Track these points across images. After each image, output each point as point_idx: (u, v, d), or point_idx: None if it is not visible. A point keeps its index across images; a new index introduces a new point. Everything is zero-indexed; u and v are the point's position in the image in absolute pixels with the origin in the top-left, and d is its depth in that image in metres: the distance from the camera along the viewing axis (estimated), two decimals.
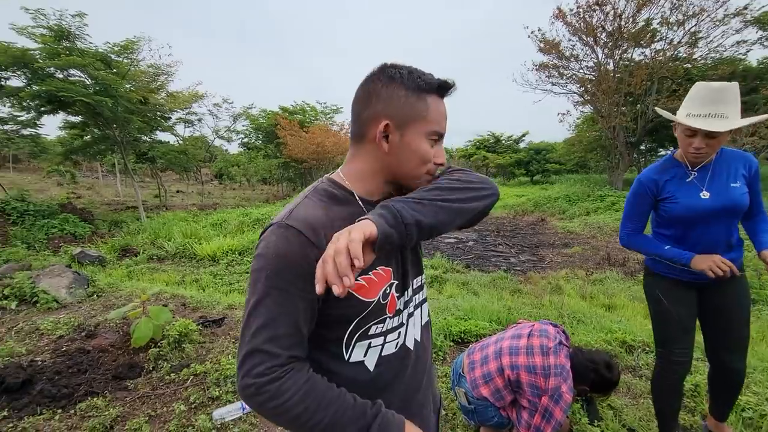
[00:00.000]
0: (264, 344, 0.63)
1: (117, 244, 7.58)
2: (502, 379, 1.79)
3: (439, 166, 0.79)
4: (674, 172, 1.64)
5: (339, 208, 0.74)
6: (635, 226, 1.76)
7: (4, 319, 3.55)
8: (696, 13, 12.73)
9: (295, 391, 0.62)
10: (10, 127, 10.44)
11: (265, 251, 0.66)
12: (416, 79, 0.73)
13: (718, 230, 1.60)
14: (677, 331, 1.73)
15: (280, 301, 0.64)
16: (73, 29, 9.26)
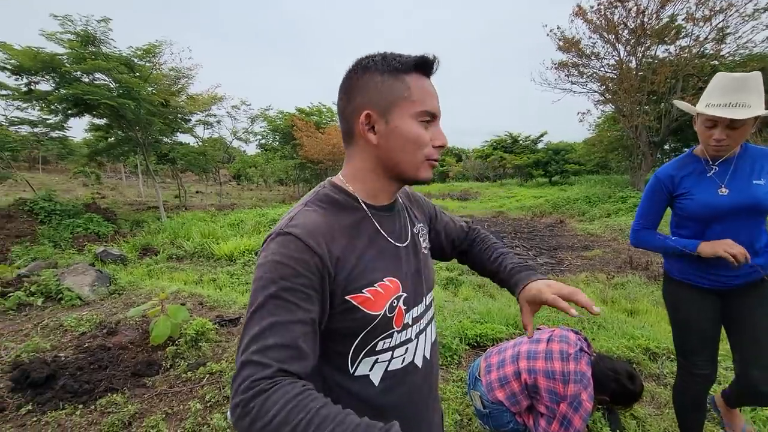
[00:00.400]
0: (253, 355, 0.56)
1: (138, 243, 7.78)
2: (518, 383, 1.74)
3: (439, 149, 0.72)
4: (693, 168, 1.55)
5: (341, 215, 0.71)
6: (646, 223, 1.68)
7: (30, 315, 3.67)
8: (724, 9, 12.26)
9: (283, 405, 0.52)
10: (40, 130, 10.84)
11: (264, 260, 0.64)
12: (391, 61, 0.68)
13: (739, 231, 1.48)
14: (697, 341, 1.64)
15: (274, 311, 0.59)
16: (98, 34, 9.55)
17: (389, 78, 0.68)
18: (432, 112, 0.70)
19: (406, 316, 0.75)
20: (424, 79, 0.71)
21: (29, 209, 9.14)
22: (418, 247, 0.84)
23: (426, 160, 0.72)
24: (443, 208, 4.35)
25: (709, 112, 1.36)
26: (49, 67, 9.15)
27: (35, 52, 8.89)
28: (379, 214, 0.76)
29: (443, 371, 2.67)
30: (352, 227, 0.71)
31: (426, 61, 0.69)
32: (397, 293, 0.73)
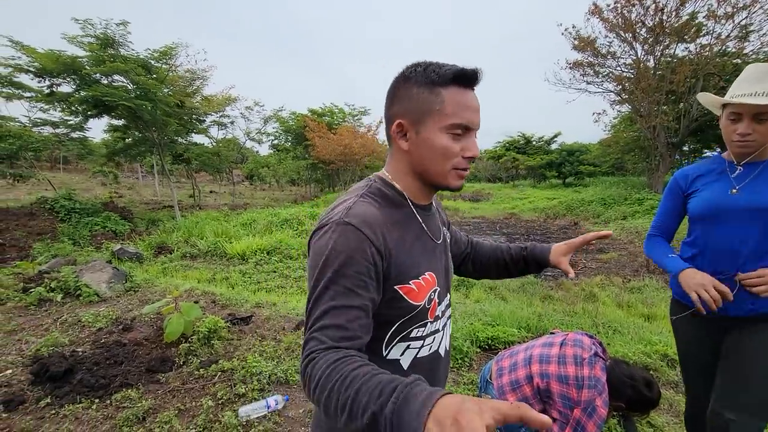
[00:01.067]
0: (313, 333, 0.65)
1: (153, 241, 7.92)
2: (530, 387, 1.70)
3: (469, 159, 0.74)
4: (714, 167, 1.42)
5: (392, 210, 0.76)
6: (659, 228, 1.56)
7: (50, 310, 3.77)
8: (747, 5, 11.89)
9: (325, 369, 0.59)
10: (61, 131, 11.16)
11: (324, 248, 0.67)
12: (430, 73, 0.70)
13: (742, 237, 1.28)
14: (693, 374, 1.53)
15: (334, 296, 0.65)
16: (117, 37, 9.79)
17: (425, 90, 0.70)
18: (464, 125, 0.71)
19: (438, 309, 0.82)
20: (462, 92, 0.71)
21: (50, 207, 9.41)
22: (446, 246, 0.91)
23: (453, 170, 0.74)
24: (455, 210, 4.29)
25: (731, 100, 1.25)
26: (70, 69, 9.41)
27: (57, 55, 9.15)
28: (422, 213, 0.82)
29: (454, 374, 2.64)
30: (403, 222, 0.76)
31: (464, 75, 0.70)
32: (434, 287, 0.79)
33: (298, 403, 2.34)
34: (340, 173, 20.35)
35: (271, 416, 2.18)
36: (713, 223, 1.34)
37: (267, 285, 5.31)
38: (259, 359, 2.72)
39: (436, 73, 0.70)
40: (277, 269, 6.11)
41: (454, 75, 0.69)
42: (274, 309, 3.81)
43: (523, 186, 26.23)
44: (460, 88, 0.71)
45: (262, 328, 3.34)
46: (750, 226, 1.27)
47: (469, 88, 0.72)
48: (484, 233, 10.22)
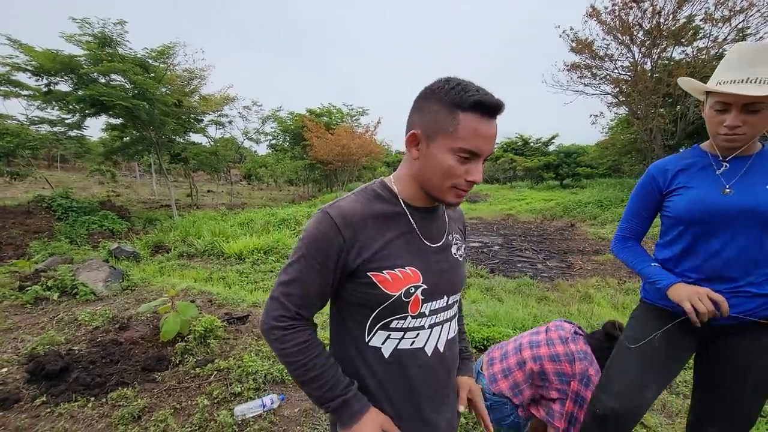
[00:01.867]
0: (281, 296, 0.80)
1: (150, 240, 7.91)
2: (522, 372, 1.76)
3: (471, 184, 0.78)
4: (695, 161, 1.25)
5: (378, 204, 0.83)
6: (629, 227, 1.39)
7: (46, 308, 3.77)
8: (744, 9, 11.97)
9: (294, 345, 0.79)
10: (59, 129, 11.13)
11: (307, 228, 0.80)
12: (453, 94, 0.72)
13: (736, 243, 1.14)
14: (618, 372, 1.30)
15: (301, 269, 0.79)
16: (114, 36, 9.77)
17: (444, 109, 0.73)
18: (473, 152, 0.74)
19: (423, 306, 0.84)
20: (479, 120, 0.72)
21: (47, 206, 9.38)
22: (449, 250, 0.91)
23: (452, 188, 0.78)
24: None
25: (717, 89, 1.09)
26: (67, 68, 9.39)
27: (54, 54, 9.13)
28: (417, 214, 0.86)
29: None
30: (387, 219, 0.82)
31: (483, 104, 0.71)
32: (415, 282, 0.82)
33: (294, 402, 2.35)
34: (338, 173, 20.35)
35: (267, 415, 2.19)
36: (705, 227, 1.18)
37: (264, 285, 5.31)
38: (255, 358, 2.73)
39: (459, 95, 0.71)
40: (274, 269, 6.11)
41: (474, 102, 0.71)
42: None
43: (520, 187, 26.27)
44: (478, 115, 0.72)
45: (258, 328, 3.35)
46: (747, 231, 1.14)
47: (488, 117, 0.74)
48: (482, 234, 10.24)
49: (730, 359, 1.22)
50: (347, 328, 0.86)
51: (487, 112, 0.73)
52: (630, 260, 1.37)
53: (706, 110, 1.19)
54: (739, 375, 1.20)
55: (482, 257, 7.47)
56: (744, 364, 1.19)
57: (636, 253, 1.37)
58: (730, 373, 1.21)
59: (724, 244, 1.17)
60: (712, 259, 1.18)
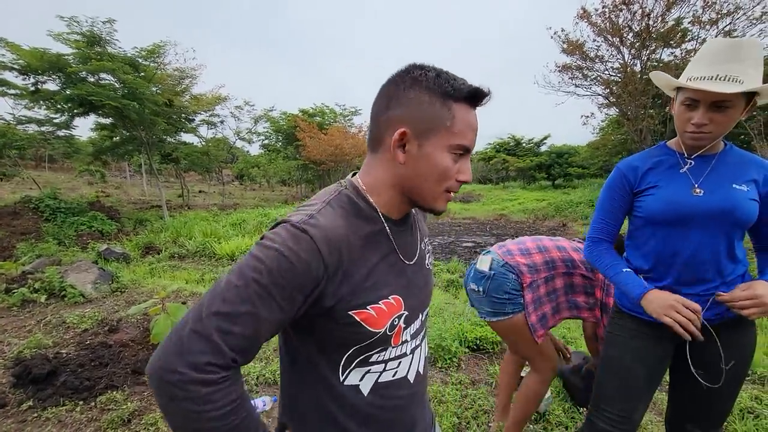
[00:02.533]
0: (214, 334, 0.54)
1: (141, 241, 7.82)
2: (541, 256, 1.70)
3: (461, 184, 0.69)
4: (662, 160, 1.23)
5: (361, 223, 0.67)
6: (602, 228, 1.30)
7: (33, 311, 3.70)
8: (731, 12, 12.20)
9: (224, 405, 0.55)
10: (47, 129, 10.94)
11: (271, 244, 0.58)
12: (443, 83, 0.63)
13: (708, 245, 1.14)
14: (617, 390, 1.28)
15: (254, 301, 0.56)
16: (103, 35, 9.64)
17: (437, 101, 0.63)
18: (467, 147, 0.67)
19: (404, 333, 0.73)
20: (470, 111, 0.66)
21: (35, 207, 9.22)
22: (423, 262, 0.82)
23: (445, 192, 0.69)
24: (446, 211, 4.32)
25: (688, 85, 1.06)
26: (55, 67, 9.25)
27: (42, 53, 8.98)
28: (396, 229, 0.73)
29: (442, 374, 2.66)
30: (370, 239, 0.68)
31: (478, 94, 0.65)
32: (399, 311, 0.70)
33: None
34: (330, 173, 20.29)
35: (259, 416, 2.17)
36: (677, 229, 1.16)
37: None
38: None
39: (450, 85, 0.64)
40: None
41: (468, 93, 0.64)
42: None
43: (513, 187, 26.48)
44: (468, 106, 0.66)
45: None
46: (717, 231, 1.13)
47: (475, 108, 0.68)
48: (475, 234, 10.29)
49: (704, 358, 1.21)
50: (312, 369, 0.69)
51: (477, 103, 0.67)
52: (603, 266, 1.28)
53: (675, 106, 1.17)
54: (714, 373, 1.20)
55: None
56: (717, 362, 1.19)
57: (608, 258, 1.28)
58: (705, 371, 1.20)
59: (697, 245, 1.15)
60: (685, 261, 1.16)
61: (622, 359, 1.27)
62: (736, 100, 1.04)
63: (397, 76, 0.67)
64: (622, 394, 1.27)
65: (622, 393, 1.27)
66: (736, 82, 1.01)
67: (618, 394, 1.28)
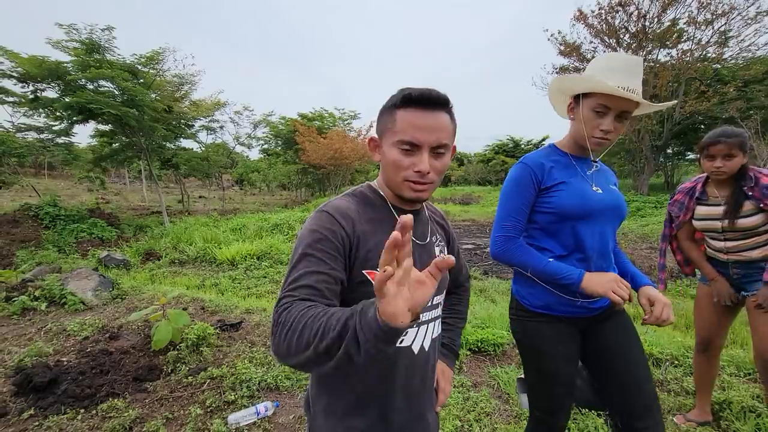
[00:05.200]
0: (288, 292, 0.72)
1: (141, 248, 7.81)
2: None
3: (418, 174, 0.79)
4: (558, 159, 1.30)
5: (369, 209, 0.87)
6: (514, 225, 1.29)
7: (34, 319, 3.70)
8: (726, 12, 12.28)
9: (299, 311, 0.66)
10: (46, 136, 10.96)
11: (304, 229, 0.80)
12: (393, 97, 0.81)
13: (608, 236, 1.28)
14: (564, 395, 1.32)
15: (307, 264, 0.74)
16: (102, 42, 9.67)
17: (387, 112, 0.82)
18: (410, 142, 0.78)
19: None
20: (414, 113, 0.78)
21: (34, 214, 9.22)
22: (433, 249, 0.96)
23: (405, 182, 0.81)
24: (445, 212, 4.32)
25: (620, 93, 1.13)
26: (54, 74, 9.26)
27: (41, 60, 9.00)
28: (402, 212, 0.89)
29: None
30: (378, 219, 0.86)
31: (410, 97, 0.77)
32: None
33: (288, 409, 2.33)
34: (330, 177, 20.32)
35: (261, 423, 2.17)
36: (583, 222, 1.25)
37: (257, 291, 5.27)
38: (248, 366, 2.70)
39: (396, 96, 0.80)
40: (268, 274, 6.07)
41: (401, 98, 0.78)
42: (264, 315, 3.79)
43: None
44: (413, 109, 0.78)
45: (252, 335, 3.32)
46: (611, 225, 1.29)
47: (424, 110, 0.77)
48: (475, 236, 10.29)
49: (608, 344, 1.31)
50: None
51: (421, 105, 0.77)
52: (526, 259, 1.26)
53: (582, 111, 1.22)
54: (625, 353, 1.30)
55: (475, 259, 7.50)
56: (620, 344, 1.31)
57: (531, 252, 1.27)
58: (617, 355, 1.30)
59: (599, 236, 1.26)
60: (589, 252, 1.26)
61: (560, 368, 1.30)
62: (632, 112, 1.19)
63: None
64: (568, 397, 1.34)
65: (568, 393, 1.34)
66: (637, 95, 1.14)
67: (566, 399, 1.34)
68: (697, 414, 2.14)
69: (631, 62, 1.16)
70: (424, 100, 0.77)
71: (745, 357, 2.74)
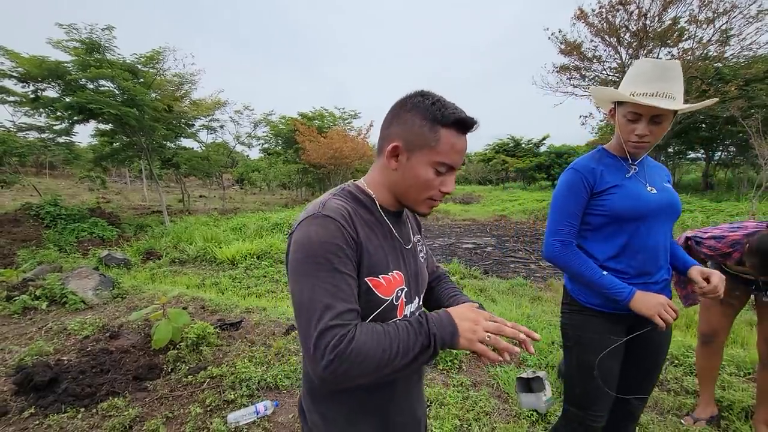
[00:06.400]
0: (330, 321, 0.67)
1: (142, 247, 7.82)
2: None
3: (444, 195, 0.82)
4: (610, 162, 1.33)
5: (361, 209, 0.82)
6: (569, 230, 1.32)
7: (35, 318, 3.71)
8: (727, 10, 12.24)
9: (370, 338, 0.67)
10: (47, 135, 10.96)
11: (308, 240, 0.71)
12: (435, 110, 0.76)
13: (663, 235, 1.29)
14: (598, 390, 1.33)
15: (333, 281, 0.69)
16: (102, 42, 9.66)
17: (427, 124, 0.76)
18: (450, 165, 0.79)
19: (406, 308, 0.86)
20: (456, 136, 0.78)
21: (35, 214, 9.23)
22: (416, 252, 0.95)
23: (427, 200, 0.82)
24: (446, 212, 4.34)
25: (635, 100, 1.18)
26: (54, 74, 9.26)
27: (41, 60, 9.00)
28: (392, 218, 0.88)
29: (444, 376, 2.66)
30: (371, 222, 0.82)
31: (464, 122, 0.77)
32: (401, 285, 0.84)
33: (288, 408, 2.34)
34: (331, 176, 20.30)
35: (261, 422, 2.18)
36: (638, 224, 1.26)
37: (257, 290, 5.28)
38: (248, 365, 2.71)
39: (440, 112, 0.76)
40: (268, 274, 6.08)
41: (455, 120, 0.76)
42: (264, 314, 3.80)
43: (512, 188, 26.49)
44: (457, 132, 0.78)
45: (251, 334, 3.32)
46: (667, 224, 1.30)
47: (463, 133, 0.79)
48: (475, 235, 10.29)
49: (649, 341, 1.35)
50: None
51: (463, 129, 0.79)
52: (582, 269, 1.29)
53: (618, 117, 1.29)
54: (655, 352, 1.39)
55: (476, 258, 7.50)
56: (659, 343, 1.38)
57: (586, 261, 1.30)
58: (649, 352, 1.38)
59: (654, 236, 1.28)
60: (645, 253, 1.28)
61: (602, 363, 1.33)
62: (670, 114, 1.19)
63: (404, 98, 0.81)
64: (604, 392, 1.34)
65: (604, 391, 1.34)
66: (671, 99, 1.17)
67: (602, 393, 1.34)
68: (702, 410, 2.15)
69: (662, 66, 1.19)
70: (470, 126, 0.79)
71: (745, 357, 2.73)
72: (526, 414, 2.21)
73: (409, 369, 0.70)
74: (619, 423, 1.46)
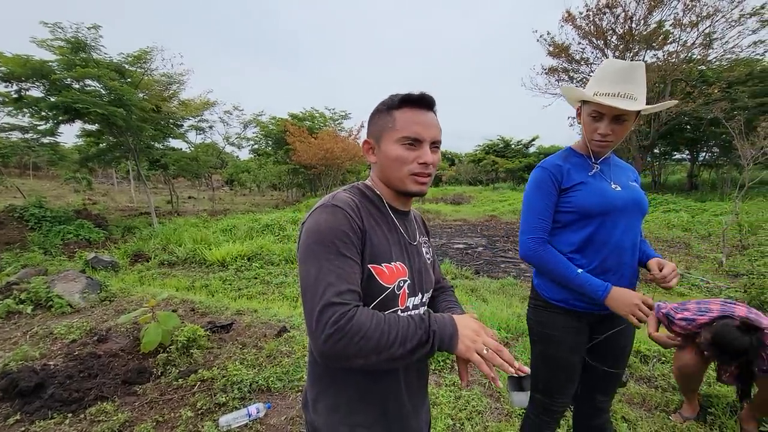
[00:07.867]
0: (333, 298, 0.71)
1: (129, 249, 7.70)
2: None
3: (423, 165, 0.85)
4: (576, 161, 1.37)
5: (368, 204, 0.89)
6: (542, 227, 1.35)
7: (19, 323, 3.63)
8: (710, 14, 12.54)
9: (369, 320, 0.71)
10: (31, 136, 10.72)
11: (317, 227, 0.78)
12: (387, 100, 0.87)
13: (626, 233, 1.31)
14: (566, 380, 1.42)
15: (338, 264, 0.75)
16: (89, 41, 9.49)
17: (384, 114, 0.87)
18: (413, 137, 0.84)
19: (408, 300, 0.89)
20: (414, 112, 0.85)
21: (19, 216, 9.02)
22: (421, 250, 1.00)
23: (410, 175, 0.86)
24: (437, 213, 4.35)
25: (597, 100, 1.21)
26: (39, 73, 9.06)
27: (25, 59, 8.80)
28: (398, 215, 0.94)
29: (435, 375, 2.68)
30: (378, 216, 0.88)
31: (412, 98, 0.85)
32: (404, 276, 0.88)
33: (280, 410, 2.33)
34: (321, 177, 20.23)
35: (253, 425, 2.16)
36: (604, 220, 1.29)
37: (248, 292, 5.24)
38: (240, 367, 2.69)
39: (391, 99, 0.86)
40: (259, 275, 6.03)
41: (401, 99, 0.85)
42: (255, 316, 3.77)
43: (503, 188, 26.67)
44: (411, 109, 0.85)
45: (243, 336, 3.30)
46: (633, 221, 1.32)
47: (420, 109, 0.86)
48: (466, 235, 10.35)
49: (612, 340, 1.40)
50: None
51: (417, 104, 0.85)
52: (558, 267, 1.30)
53: (583, 116, 1.32)
54: (619, 351, 1.43)
55: (467, 258, 7.55)
56: (623, 342, 1.42)
57: (561, 259, 1.32)
58: (613, 351, 1.43)
59: (621, 232, 1.30)
60: (608, 249, 1.30)
61: (564, 356, 1.41)
62: (632, 114, 1.23)
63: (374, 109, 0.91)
64: (570, 383, 1.44)
65: (569, 382, 1.44)
66: (633, 100, 1.20)
67: (567, 384, 1.44)
68: (689, 409, 2.21)
69: (626, 67, 1.22)
70: (421, 101, 0.85)
71: None
72: (518, 412, 2.24)
73: (405, 360, 0.73)
74: (591, 418, 1.53)
